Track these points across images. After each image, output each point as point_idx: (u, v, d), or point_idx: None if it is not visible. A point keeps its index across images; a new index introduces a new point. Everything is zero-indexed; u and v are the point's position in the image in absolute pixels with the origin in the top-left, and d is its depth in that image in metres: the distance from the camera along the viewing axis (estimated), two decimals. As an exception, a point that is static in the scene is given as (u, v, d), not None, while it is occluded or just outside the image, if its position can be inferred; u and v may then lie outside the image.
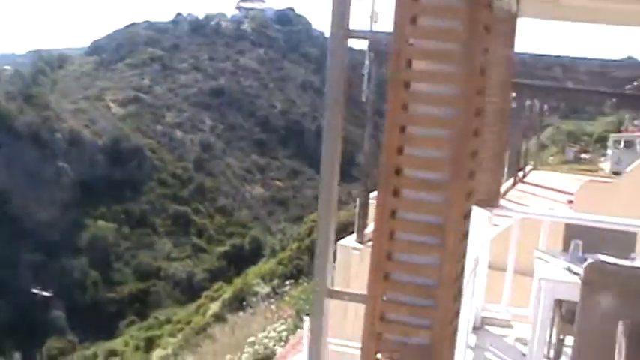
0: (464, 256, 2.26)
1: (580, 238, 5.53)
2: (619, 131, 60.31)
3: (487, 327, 6.61)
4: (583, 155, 64.75)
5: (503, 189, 19.11)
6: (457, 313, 2.28)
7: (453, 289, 2.16)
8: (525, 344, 5.72)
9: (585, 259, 4.82)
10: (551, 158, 61.46)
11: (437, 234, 2.09)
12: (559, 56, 15.07)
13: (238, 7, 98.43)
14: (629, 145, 47.46)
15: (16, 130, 60.58)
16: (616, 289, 4.31)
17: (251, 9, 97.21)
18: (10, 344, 45.60)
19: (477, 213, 5.98)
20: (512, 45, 6.30)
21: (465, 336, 4.99)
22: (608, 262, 4.82)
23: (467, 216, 2.19)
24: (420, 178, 2.10)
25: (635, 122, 61.00)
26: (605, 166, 49.15)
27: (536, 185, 21.20)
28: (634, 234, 6.12)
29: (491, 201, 6.33)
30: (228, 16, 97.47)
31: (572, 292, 4.67)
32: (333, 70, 2.41)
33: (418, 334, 2.16)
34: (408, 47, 2.09)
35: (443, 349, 2.15)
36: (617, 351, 3.46)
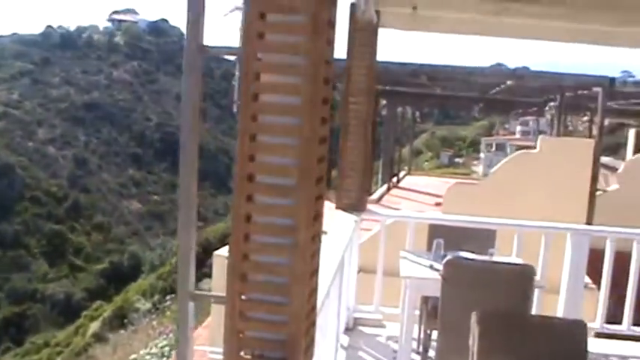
0: (317, 254, 2.41)
1: (443, 238, 5.84)
2: (490, 135, 62.82)
3: (360, 327, 6.85)
4: (457, 159, 67.06)
5: (377, 194, 19.70)
6: (313, 308, 2.43)
7: (307, 286, 2.31)
8: (397, 342, 5.96)
9: (446, 257, 5.11)
10: (426, 163, 63.31)
11: (288, 235, 2.24)
12: (424, 64, 15.63)
13: (110, 19, 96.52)
14: (501, 147, 49.53)
15: None
16: (471, 282, 4.60)
17: (124, 21, 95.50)
18: None
19: (345, 217, 6.21)
20: (374, 54, 6.55)
21: (335, 336, 5.17)
22: (464, 258, 5.12)
23: (317, 217, 2.35)
24: (271, 184, 2.25)
25: (506, 126, 63.68)
26: (479, 168, 51.06)
27: (410, 190, 21.91)
28: (494, 231, 6.49)
29: (358, 205, 6.56)
30: (101, 28, 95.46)
31: (436, 289, 4.94)
32: (188, 85, 2.53)
33: (276, 329, 2.30)
34: (255, 61, 2.23)
35: (300, 342, 2.30)
36: (470, 339, 3.71)
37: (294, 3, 2.21)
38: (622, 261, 7.13)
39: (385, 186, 21.91)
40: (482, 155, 55.32)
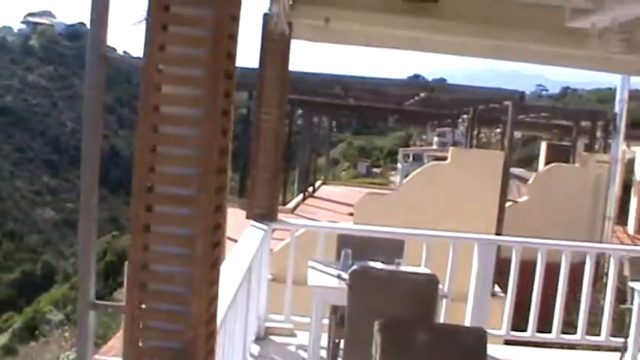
0: (217, 264, 2.45)
1: (353, 248, 5.93)
2: (408, 145, 63.72)
3: (271, 337, 6.89)
4: (374, 169, 67.69)
5: (293, 204, 19.79)
6: (213, 317, 2.47)
7: (206, 295, 2.34)
8: (306, 350, 6.02)
9: (353, 266, 5.21)
10: (344, 173, 63.74)
11: (187, 245, 2.27)
12: (339, 75, 15.82)
13: (25, 22, 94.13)
14: (418, 158, 50.25)
15: None
16: (376, 291, 4.69)
17: (39, 23, 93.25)
18: None
19: (255, 227, 6.25)
20: (286, 65, 6.61)
21: (244, 345, 5.19)
22: (369, 268, 5.22)
23: (217, 227, 2.38)
24: (170, 194, 2.27)
25: (424, 137, 64.67)
26: (396, 179, 51.69)
27: (325, 199, 22.07)
28: (402, 241, 6.62)
29: (269, 215, 6.61)
30: (15, 30, 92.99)
31: (343, 298, 5.02)
32: (90, 95, 2.54)
33: (174, 338, 2.33)
34: (156, 73, 2.26)
35: (198, 350, 2.33)
36: (373, 348, 3.79)
37: (195, 16, 2.25)
38: (530, 270, 7.37)
39: (301, 195, 22.02)
40: (399, 165, 56.05)
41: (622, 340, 7.08)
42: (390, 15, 6.64)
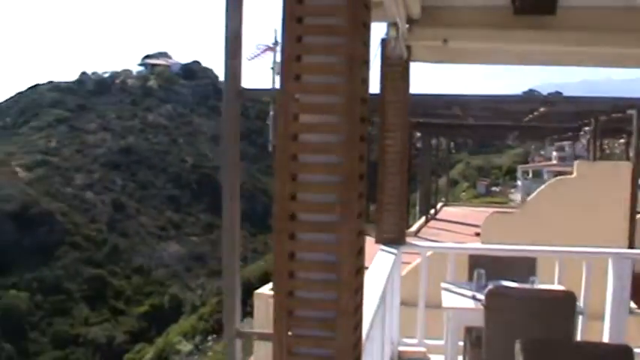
0: (361, 288, 2.45)
1: (484, 267, 5.83)
2: (526, 162, 62.34)
3: (404, 361, 6.82)
4: (494, 188, 66.53)
5: (416, 227, 19.65)
6: (359, 340, 2.47)
7: (352, 319, 2.34)
8: (441, 374, 5.94)
9: (487, 286, 5.11)
10: (464, 193, 62.91)
11: (332, 270, 2.28)
12: (456, 95, 15.69)
13: (143, 64, 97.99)
14: (538, 174, 49.04)
15: None
16: (514, 310, 4.58)
17: (156, 65, 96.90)
18: None
19: (386, 252, 6.23)
20: (406, 88, 6.61)
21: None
22: (506, 287, 5.11)
23: (360, 252, 2.39)
24: (313, 221, 2.30)
25: (542, 152, 63.15)
26: (516, 196, 50.58)
27: (448, 221, 21.80)
28: (534, 259, 6.46)
29: (398, 239, 6.58)
30: (134, 72, 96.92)
31: (479, 319, 4.93)
32: (228, 128, 2.60)
33: (323, 364, 2.34)
34: (293, 102, 2.30)
35: (347, 377, 2.33)
36: (516, 369, 3.70)
37: (329, 44, 2.28)
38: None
39: (423, 218, 21.86)
40: (519, 183, 54.87)
41: None
42: (507, 30, 6.54)
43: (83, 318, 60.42)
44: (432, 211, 23.70)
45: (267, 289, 10.41)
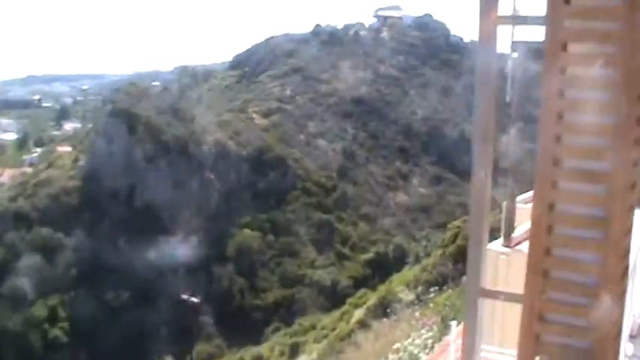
0: (628, 252, 2.09)
1: None
2: None
3: (646, 335, 6.25)
4: None
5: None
6: (621, 314, 2.12)
7: (618, 288, 2.00)
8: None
9: None
10: None
11: (599, 228, 1.94)
12: None
13: (376, 16, 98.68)
14: None
15: (165, 144, 63.25)
16: None
17: (389, 17, 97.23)
18: (162, 348, 47.55)
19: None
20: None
21: (622, 344, 4.70)
22: None
23: (631, 209, 2.03)
24: (579, 169, 1.96)
25: None
26: None
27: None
28: None
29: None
30: (367, 25, 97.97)
31: None
32: (483, 61, 2.28)
33: (579, 336, 2.01)
34: (562, 29, 1.95)
35: (606, 353, 2.00)
36: None
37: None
38: None
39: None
40: None
41: None
42: None
43: (310, 260, 62.81)
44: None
45: (496, 245, 9.97)
